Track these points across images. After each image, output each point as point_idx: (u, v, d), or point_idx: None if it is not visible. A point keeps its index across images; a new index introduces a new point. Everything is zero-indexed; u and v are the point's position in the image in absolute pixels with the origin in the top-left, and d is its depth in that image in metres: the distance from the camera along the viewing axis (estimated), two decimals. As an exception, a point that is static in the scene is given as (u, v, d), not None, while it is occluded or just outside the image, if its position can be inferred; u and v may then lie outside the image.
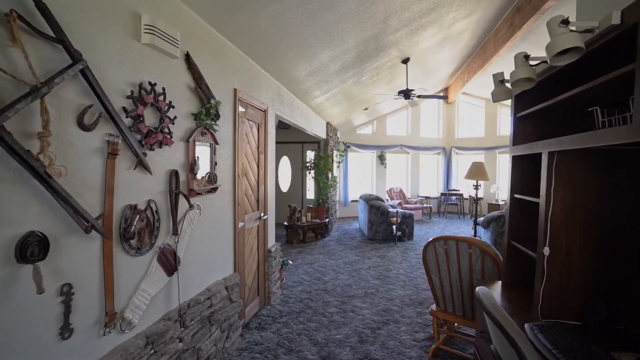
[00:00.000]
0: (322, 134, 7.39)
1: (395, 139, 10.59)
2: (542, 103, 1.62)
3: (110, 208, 1.56)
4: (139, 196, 1.78)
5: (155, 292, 1.88)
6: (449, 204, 10.09)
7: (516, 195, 1.94)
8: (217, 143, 2.54)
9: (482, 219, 5.89)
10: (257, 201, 3.51)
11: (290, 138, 8.95)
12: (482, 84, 9.17)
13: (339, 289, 4.21)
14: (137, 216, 1.72)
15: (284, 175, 9.21)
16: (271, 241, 3.95)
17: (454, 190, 9.89)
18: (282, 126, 6.84)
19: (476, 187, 5.92)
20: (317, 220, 7.01)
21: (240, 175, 3.04)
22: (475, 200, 5.86)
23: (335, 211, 8.78)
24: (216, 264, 2.64)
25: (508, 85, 1.74)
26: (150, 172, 1.83)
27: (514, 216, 1.98)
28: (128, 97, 1.68)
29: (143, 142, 1.77)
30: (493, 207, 9.45)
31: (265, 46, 3.03)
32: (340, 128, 9.30)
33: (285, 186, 9.16)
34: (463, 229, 8.26)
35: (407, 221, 6.89)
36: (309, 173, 7.35)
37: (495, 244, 5.35)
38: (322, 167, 7.22)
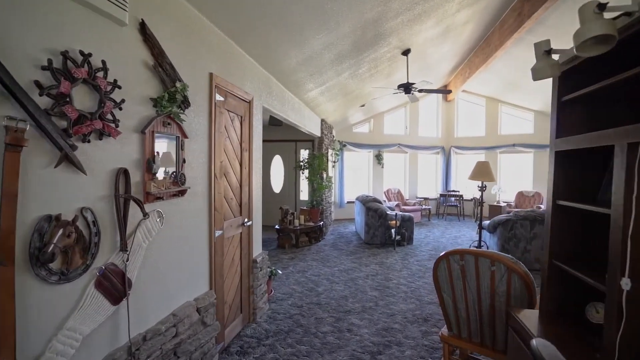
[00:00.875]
0: (317, 132, 6.96)
1: (393, 137, 10.18)
2: (605, 80, 1.20)
3: (10, 222, 1.11)
4: (65, 204, 1.33)
5: (91, 330, 1.43)
6: (448, 205, 9.71)
7: (561, 202, 1.52)
8: (185, 136, 2.09)
9: (487, 222, 5.49)
10: (240, 205, 3.06)
11: (283, 136, 8.50)
12: (484, 80, 8.80)
13: (334, 302, 3.77)
14: (61, 230, 1.27)
15: (276, 176, 8.76)
16: (257, 250, 3.50)
17: (453, 191, 9.51)
18: (274, 122, 6.40)
19: (481, 188, 5.52)
20: (311, 224, 6.58)
21: (219, 175, 2.60)
22: (480, 202, 5.46)
23: (331, 213, 8.35)
24: (185, 282, 2.19)
25: (555, 57, 1.32)
26: (83, 172, 1.39)
27: (558, 228, 1.56)
28: (44, 69, 1.23)
29: (71, 131, 1.32)
30: (494, 209, 9.08)
31: (246, 24, 2.59)
32: (335, 126, 8.87)
33: (277, 187, 8.71)
34: (464, 232, 7.87)
35: (406, 224, 6.48)
36: (302, 173, 6.92)
37: (502, 250, 4.95)
38: (317, 167, 6.78)
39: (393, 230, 6.23)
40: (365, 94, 6.75)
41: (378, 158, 9.99)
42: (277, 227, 6.31)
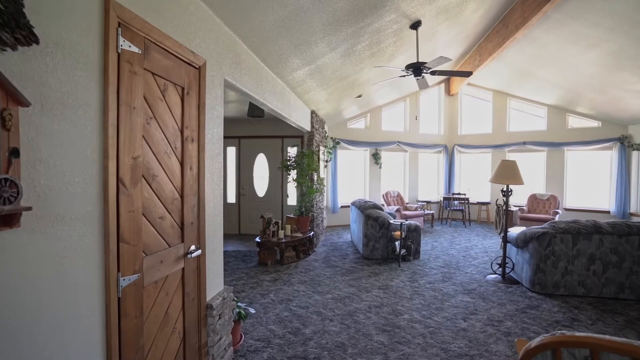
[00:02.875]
0: (306, 126, 5.90)
1: (392, 134, 9.18)
2: None
3: None
4: None
5: None
6: (453, 209, 8.74)
7: None
8: (21, 103, 1.01)
9: (514, 234, 4.50)
10: (181, 226, 1.98)
11: (267, 131, 7.42)
12: (491, 71, 7.84)
13: (327, 354, 2.71)
14: None
15: (260, 177, 7.67)
16: (214, 289, 2.42)
17: (459, 194, 8.55)
18: (254, 113, 5.32)
19: (506, 193, 4.53)
20: (299, 235, 5.51)
21: (130, 181, 1.52)
22: (505, 210, 4.47)
23: (322, 220, 7.29)
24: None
25: None
26: None
27: None
28: None
29: None
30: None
31: None
32: (328, 121, 7.82)
33: (261, 190, 7.62)
34: (475, 241, 6.89)
35: (412, 235, 5.46)
36: (289, 174, 5.85)
37: (537, 270, 3.96)
38: (306, 167, 5.72)
39: (397, 243, 5.20)
40: (364, 81, 5.71)
41: (375, 157, 8.96)
42: (257, 240, 5.22)
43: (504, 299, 3.85)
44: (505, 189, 4.55)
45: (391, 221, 5.32)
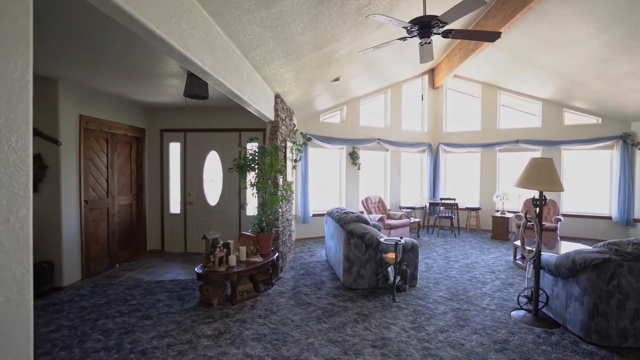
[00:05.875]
0: (269, 113, 4.47)
1: (371, 131, 7.94)
2: None
3: None
4: None
5: None
6: (441, 216, 7.63)
7: None
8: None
9: (549, 258, 3.33)
10: None
11: (221, 122, 5.91)
12: (482, 61, 6.83)
13: None
14: None
15: (211, 181, 6.11)
16: None
17: (447, 199, 7.46)
18: (192, 92, 3.79)
19: (538, 202, 3.37)
20: (258, 260, 4.06)
21: None
22: (540, 225, 3.31)
23: (290, 234, 5.87)
24: None
25: None
26: None
27: None
28: None
29: None
30: (499, 221, 7.15)
31: None
32: (298, 112, 6.43)
33: (213, 198, 6.06)
34: (474, 255, 5.77)
35: (408, 256, 4.18)
36: (243, 178, 4.37)
37: (595, 313, 2.79)
38: (267, 168, 4.28)
39: (390, 269, 3.89)
40: (344, 55, 4.38)
41: (352, 156, 7.68)
42: (198, 270, 3.70)
43: (554, 358, 2.63)
44: (537, 197, 3.38)
45: (381, 240, 4.00)
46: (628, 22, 4.29)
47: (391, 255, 3.87)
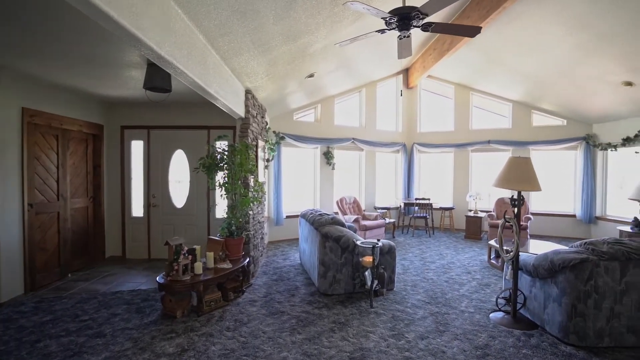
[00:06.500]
0: (239, 109, 4.19)
1: (346, 130, 7.80)
2: None
3: None
4: None
5: None
6: (416, 216, 7.61)
7: None
8: None
9: (527, 259, 3.29)
10: None
11: (188, 119, 5.55)
12: (456, 61, 6.87)
13: None
14: None
15: (177, 182, 5.73)
16: None
17: (422, 199, 7.45)
18: (156, 84, 3.45)
19: (516, 201, 3.32)
20: (227, 266, 3.77)
21: None
22: (517, 225, 3.25)
23: (263, 237, 5.60)
24: None
25: None
26: None
27: None
28: None
29: None
30: (472, 221, 7.22)
31: None
32: (270, 109, 6.16)
33: (180, 199, 5.67)
34: (450, 255, 5.75)
35: (385, 259, 4.04)
36: (211, 178, 4.06)
37: (574, 313, 2.75)
38: (237, 167, 4.00)
39: (367, 273, 3.73)
40: (319, 49, 4.18)
41: (327, 156, 7.50)
42: (160, 280, 3.36)
43: (536, 362, 2.56)
44: (515, 197, 3.33)
45: (358, 242, 3.84)
46: (592, 28, 4.39)
47: (368, 259, 3.71)
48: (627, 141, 6.38)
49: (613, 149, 6.73)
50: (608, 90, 5.72)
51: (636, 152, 6.22)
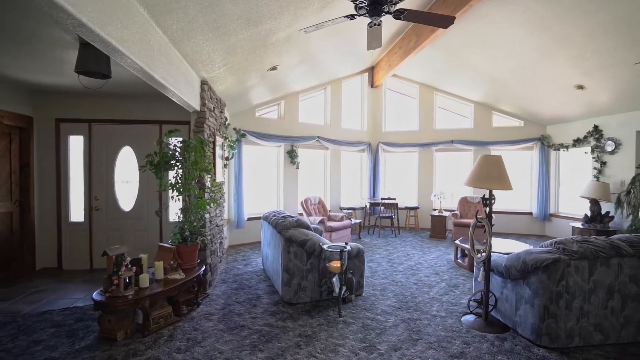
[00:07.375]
0: (193, 102, 3.77)
1: (311, 128, 7.54)
2: None
3: None
4: None
5: None
6: (382, 216, 7.52)
7: None
8: None
9: (498, 259, 3.21)
10: None
11: (137, 113, 4.99)
12: (421, 60, 6.86)
13: None
14: None
15: (124, 182, 5.13)
16: None
17: (388, 198, 7.38)
18: (90, 68, 2.95)
19: (487, 200, 3.23)
20: (179, 276, 3.34)
21: None
22: (489, 223, 3.16)
23: (222, 241, 5.17)
24: None
25: None
26: None
27: None
28: None
29: None
30: (437, 220, 7.25)
31: None
32: (230, 104, 5.74)
33: (127, 202, 5.09)
34: (417, 256, 5.68)
35: (354, 264, 3.82)
36: (159, 178, 3.59)
37: (546, 315, 2.68)
38: (191, 166, 3.58)
39: (335, 279, 3.48)
40: (283, 39, 3.87)
41: (291, 155, 7.19)
42: (96, 297, 2.88)
43: (512, 369, 2.44)
44: (487, 196, 3.24)
45: (325, 247, 3.57)
46: (552, 31, 4.48)
47: (336, 264, 3.46)
48: (577, 142, 6.71)
49: (565, 150, 7.06)
50: (561, 92, 5.95)
51: (585, 153, 6.56)
